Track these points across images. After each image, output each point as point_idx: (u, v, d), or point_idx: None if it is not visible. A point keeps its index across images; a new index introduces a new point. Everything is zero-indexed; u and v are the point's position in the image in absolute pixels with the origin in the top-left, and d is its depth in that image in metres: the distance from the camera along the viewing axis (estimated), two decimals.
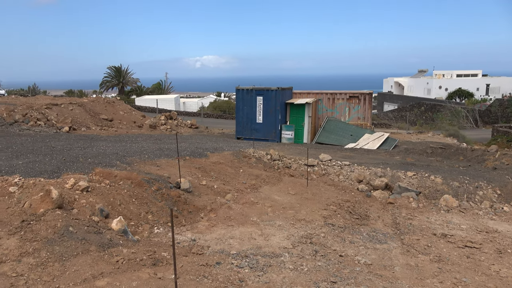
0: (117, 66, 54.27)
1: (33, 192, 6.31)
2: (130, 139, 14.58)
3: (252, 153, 12.13)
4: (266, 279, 4.97)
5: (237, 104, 20.45)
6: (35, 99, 22.56)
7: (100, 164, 8.53)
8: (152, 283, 4.44)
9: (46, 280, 4.23)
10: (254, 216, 7.65)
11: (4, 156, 8.79)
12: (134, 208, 6.94)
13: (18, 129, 15.15)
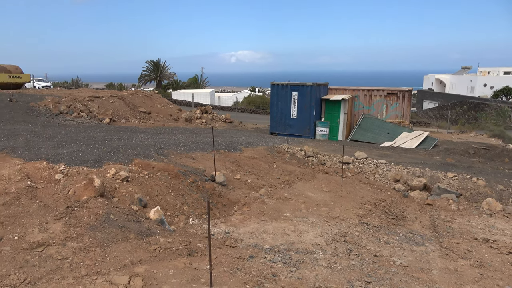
0: (155, 61, 55.68)
1: (77, 180, 6.62)
2: (166, 132, 14.95)
3: (286, 148, 12.10)
4: (299, 275, 4.96)
5: (271, 99, 20.42)
6: (78, 92, 23.60)
7: (139, 155, 8.80)
8: (187, 272, 4.55)
9: (88, 264, 4.44)
10: (288, 212, 7.64)
11: (51, 145, 9.27)
12: (170, 199, 7.13)
13: (63, 120, 15.92)
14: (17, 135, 10.39)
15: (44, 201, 5.98)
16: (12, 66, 25.24)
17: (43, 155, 8.02)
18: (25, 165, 7.35)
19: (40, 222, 5.27)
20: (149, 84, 58.88)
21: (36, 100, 18.09)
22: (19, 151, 8.33)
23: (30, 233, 4.99)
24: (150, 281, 4.20)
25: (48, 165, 7.35)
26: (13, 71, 24.70)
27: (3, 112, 15.30)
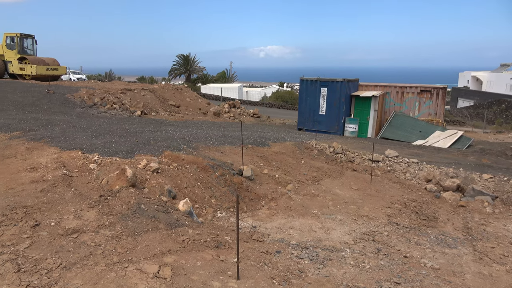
0: (185, 55, 56.40)
1: (110, 170, 6.82)
2: (195, 125, 15.14)
3: (315, 145, 11.98)
4: (326, 272, 4.92)
5: (300, 95, 20.27)
6: (111, 84, 24.28)
7: (169, 148, 8.96)
8: (215, 264, 4.60)
9: (120, 251, 4.57)
10: (315, 209, 7.58)
11: (85, 136, 9.59)
12: (199, 191, 7.22)
13: (96, 111, 16.43)
14: (54, 125, 10.81)
15: (79, 189, 6.21)
16: (50, 59, 26.22)
17: (78, 145, 8.31)
18: (61, 154, 7.65)
19: (75, 210, 5.47)
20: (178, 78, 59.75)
21: (72, 92, 18.75)
22: (56, 141, 8.66)
23: (65, 220, 5.19)
24: (179, 271, 4.28)
25: (82, 154, 7.61)
26: (50, 64, 25.65)
27: (42, 103, 15.96)
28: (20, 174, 6.75)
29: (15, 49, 24.95)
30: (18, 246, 4.48)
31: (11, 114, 12.65)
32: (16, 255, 4.30)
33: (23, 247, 4.46)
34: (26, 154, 7.78)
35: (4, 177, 6.67)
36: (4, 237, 4.65)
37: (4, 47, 25.28)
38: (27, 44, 25.99)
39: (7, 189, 6.12)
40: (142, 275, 4.09)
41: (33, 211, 5.33)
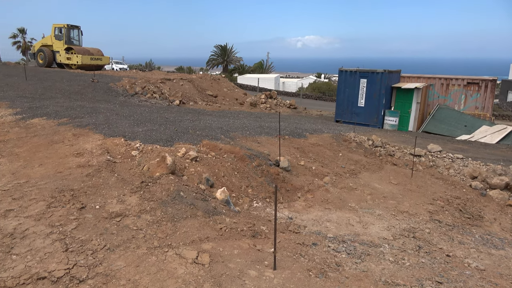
0: (222, 45, 56.73)
1: (151, 157, 7.01)
2: (232, 115, 15.24)
3: (353, 137, 11.72)
4: (364, 267, 4.82)
5: (338, 86, 19.85)
6: (152, 74, 24.89)
7: (207, 137, 9.08)
8: (251, 253, 4.63)
9: (160, 236, 4.70)
10: (352, 202, 7.44)
11: (128, 124, 9.91)
12: (236, 180, 7.28)
13: (137, 100, 16.93)
14: (98, 113, 11.24)
15: (122, 175, 6.43)
16: (94, 49, 27.26)
17: (121, 132, 8.60)
18: (105, 140, 7.95)
19: (118, 194, 5.67)
20: (216, 68, 60.31)
21: (115, 81, 19.41)
22: (100, 128, 9.01)
23: (109, 204, 5.40)
24: (217, 258, 4.34)
25: (125, 141, 7.87)
26: (95, 54, 26.68)
27: (87, 91, 16.65)
28: (67, 158, 7.09)
29: (62, 40, 26.14)
30: (66, 226, 4.72)
31: (59, 101, 13.29)
32: (64, 235, 4.53)
33: (70, 228, 4.69)
34: (72, 140, 8.15)
35: (53, 161, 7.03)
36: (53, 218, 4.91)
37: (53, 37, 26.55)
38: (74, 35, 27.14)
39: (55, 173, 6.46)
40: (181, 260, 4.19)
41: (79, 194, 5.58)
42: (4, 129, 9.26)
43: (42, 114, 10.57)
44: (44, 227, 4.69)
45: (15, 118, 10.24)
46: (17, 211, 5.08)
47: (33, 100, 13.05)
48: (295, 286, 4.00)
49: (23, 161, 7.10)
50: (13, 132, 9.04)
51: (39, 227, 4.68)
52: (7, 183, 6.06)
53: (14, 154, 7.54)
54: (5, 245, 4.30)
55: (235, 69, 56.42)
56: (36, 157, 7.29)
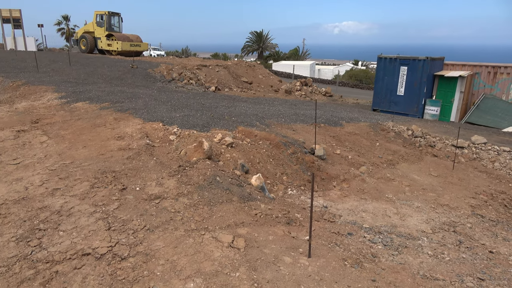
0: (258, 32, 56.36)
1: (188, 142, 7.14)
2: (267, 102, 15.20)
3: (391, 126, 11.38)
4: (401, 259, 4.71)
5: (377, 73, 19.23)
6: (188, 60, 25.20)
7: (242, 123, 9.12)
8: (286, 240, 4.64)
9: (197, 220, 4.80)
10: (390, 193, 7.26)
11: (165, 109, 10.12)
12: (271, 167, 7.28)
13: (174, 86, 17.23)
14: (138, 98, 11.55)
15: (160, 158, 6.60)
16: (133, 36, 27.91)
17: (159, 117, 8.80)
18: (145, 125, 8.17)
19: (157, 177, 5.84)
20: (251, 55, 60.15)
21: (153, 67, 19.82)
22: (140, 112, 9.26)
23: (148, 186, 5.57)
24: (252, 243, 4.39)
25: (163, 126, 8.05)
26: (134, 40, 27.31)
27: (126, 77, 17.13)
28: (109, 141, 7.36)
29: (103, 27, 26.93)
30: (108, 206, 4.92)
31: (100, 86, 13.77)
32: (106, 214, 4.73)
33: (112, 208, 4.89)
34: (114, 123, 8.44)
35: (96, 143, 7.32)
36: (96, 198, 5.14)
37: (94, 24, 27.40)
38: (114, 22, 27.88)
39: (98, 155, 6.73)
40: (218, 244, 4.26)
41: (120, 176, 5.79)
42: (51, 112, 9.73)
43: (85, 98, 10.99)
44: (88, 206, 4.91)
45: (61, 101, 10.72)
46: (63, 190, 5.36)
47: (77, 85, 13.59)
48: (330, 275, 3.98)
49: (68, 143, 7.44)
50: (58, 115, 9.48)
51: (83, 206, 4.91)
52: (54, 163, 6.38)
53: (60, 136, 7.91)
54: (53, 221, 4.55)
55: (270, 55, 56.01)
56: (80, 139, 7.62)
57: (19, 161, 6.53)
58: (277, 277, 3.79)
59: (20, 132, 8.20)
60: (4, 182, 5.63)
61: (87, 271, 3.69)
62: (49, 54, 25.66)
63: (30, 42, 32.39)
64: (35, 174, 5.90)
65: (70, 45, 43.82)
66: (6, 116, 9.58)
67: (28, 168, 6.22)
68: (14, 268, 3.71)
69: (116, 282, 3.57)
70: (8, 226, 4.44)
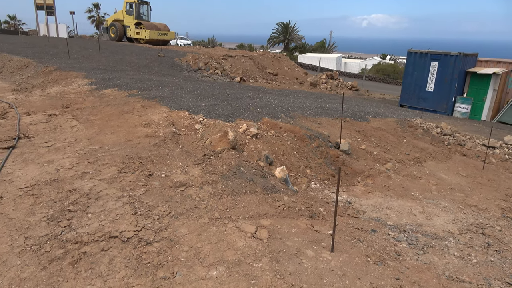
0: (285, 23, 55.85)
1: (213, 131, 7.18)
2: (292, 95, 15.08)
3: (419, 123, 11.10)
4: (426, 259, 4.62)
5: (406, 68, 18.74)
6: (214, 50, 25.27)
7: (267, 115, 9.09)
8: (309, 233, 4.62)
9: (221, 208, 4.84)
10: (416, 191, 7.10)
11: (191, 98, 10.20)
12: (294, 160, 7.25)
13: (200, 76, 17.33)
14: (164, 86, 11.69)
15: (185, 147, 6.68)
16: (161, 24, 28.17)
17: (185, 106, 8.89)
18: (171, 113, 8.27)
19: (182, 165, 5.91)
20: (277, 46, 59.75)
21: (179, 56, 19.99)
22: (166, 100, 9.37)
23: (174, 173, 5.65)
24: (275, 235, 4.39)
25: (189, 115, 8.13)
26: (162, 29, 27.57)
27: (154, 65, 17.34)
28: (136, 128, 7.49)
29: (132, 15, 27.29)
30: (135, 191, 5.02)
31: (128, 74, 14.00)
32: (133, 199, 4.83)
33: (139, 193, 4.99)
34: (141, 111, 8.58)
35: (123, 130, 7.47)
36: (124, 182, 5.26)
37: (124, 13, 27.80)
38: (143, 10, 28.19)
39: (126, 141, 6.86)
40: (241, 234, 4.29)
41: (147, 162, 5.90)
42: (81, 98, 9.99)
43: (114, 85, 11.21)
44: (116, 190, 5.03)
45: (90, 88, 10.98)
46: (92, 173, 5.50)
47: (106, 72, 13.87)
48: (353, 271, 3.94)
49: (97, 128, 7.62)
50: (88, 100, 9.71)
51: (111, 190, 5.03)
52: (84, 147, 6.56)
53: (90, 121, 8.11)
54: (82, 203, 4.69)
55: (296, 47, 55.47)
56: (108, 125, 7.80)
57: (50, 144, 6.75)
58: (299, 269, 3.79)
59: (52, 116, 8.46)
60: (37, 164, 5.84)
61: (114, 253, 3.79)
62: (79, 41, 26.29)
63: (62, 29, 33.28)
64: (66, 157, 6.09)
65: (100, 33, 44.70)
66: (39, 100, 9.90)
67: (59, 151, 6.42)
68: (45, 246, 3.85)
69: (141, 265, 3.65)
70: (40, 206, 4.60)
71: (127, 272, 3.55)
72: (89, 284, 3.38)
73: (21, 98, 10.16)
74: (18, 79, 13.29)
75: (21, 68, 14.66)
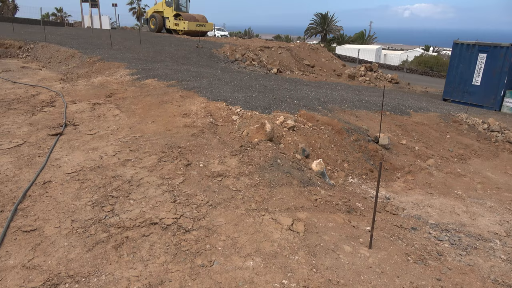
0: (323, 13, 54.77)
1: (250, 123, 7.19)
2: (329, 87, 14.82)
3: (464, 118, 10.59)
4: (469, 261, 4.42)
5: (451, 60, 17.88)
6: (251, 42, 25.23)
7: (304, 107, 8.99)
8: (346, 228, 4.54)
9: (257, 200, 4.86)
10: (459, 190, 6.80)
11: (229, 89, 10.26)
12: (332, 153, 7.14)
13: (237, 67, 17.39)
14: (202, 77, 11.83)
15: (223, 137, 6.74)
16: (199, 16, 28.45)
17: (222, 97, 8.95)
18: (209, 104, 8.36)
19: (219, 156, 5.97)
20: (314, 38, 58.81)
21: (217, 47, 20.14)
22: (204, 91, 9.48)
23: (211, 163, 5.72)
24: (311, 228, 4.36)
25: (226, 106, 8.18)
26: (200, 20, 27.85)
27: (192, 56, 17.59)
28: (175, 118, 7.65)
29: (172, 6, 27.73)
30: (174, 180, 5.14)
31: (168, 64, 14.28)
32: (172, 187, 4.95)
33: (178, 182, 5.10)
34: (180, 101, 8.73)
35: (163, 119, 7.64)
36: (163, 171, 5.39)
37: (164, 4, 28.30)
38: (182, 2, 28.57)
39: (165, 130, 7.03)
40: (277, 226, 4.29)
41: (185, 152, 6.01)
42: (123, 87, 10.31)
43: (154, 75, 11.48)
44: (156, 178, 5.17)
45: (132, 78, 11.31)
46: (134, 161, 5.68)
47: (146, 63, 14.23)
48: (392, 269, 3.84)
49: (138, 117, 7.85)
50: (130, 90, 10.01)
51: (151, 178, 5.18)
52: (126, 135, 6.78)
53: (131, 110, 8.36)
54: (124, 190, 4.86)
55: (333, 39, 54.34)
56: (149, 114, 8.01)
57: (95, 132, 7.03)
58: (336, 265, 3.74)
59: (96, 105, 8.80)
60: (82, 150, 6.11)
61: (154, 239, 3.91)
62: (121, 32, 27.10)
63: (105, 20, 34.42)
64: (109, 145, 6.32)
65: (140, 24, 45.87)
66: (84, 89, 10.32)
67: (102, 138, 6.67)
68: (90, 230, 4.03)
69: (180, 252, 3.74)
70: (85, 191, 4.81)
71: (166, 258, 3.65)
72: (131, 268, 3.50)
73: (68, 87, 10.64)
74: (64, 69, 13.91)
75: (67, 58, 15.33)
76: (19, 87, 10.47)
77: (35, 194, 4.68)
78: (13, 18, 35.38)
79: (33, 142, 6.41)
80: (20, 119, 7.63)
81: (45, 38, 18.36)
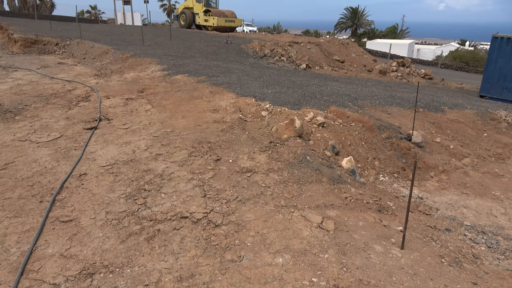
0: (353, 7, 53.67)
1: (279, 119, 7.16)
2: (360, 83, 14.53)
3: (504, 116, 10.11)
4: (508, 265, 4.23)
5: (489, 55, 17.12)
6: (280, 37, 25.09)
7: (334, 103, 8.86)
8: (377, 228, 4.45)
9: (286, 196, 4.84)
10: (497, 191, 6.51)
11: (258, 85, 10.26)
12: (362, 151, 7.00)
13: (266, 62, 17.35)
14: (231, 73, 11.88)
15: (251, 133, 6.75)
16: (229, 11, 28.55)
17: (251, 93, 8.96)
18: (238, 99, 8.39)
19: (249, 151, 5.99)
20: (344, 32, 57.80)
21: (246, 42, 20.15)
22: (233, 87, 9.52)
23: (240, 159, 5.75)
24: (341, 226, 4.30)
25: (255, 102, 8.18)
26: (229, 16, 27.95)
27: (221, 52, 17.69)
28: (205, 113, 7.73)
29: (202, 2, 27.96)
30: (204, 175, 5.20)
31: (197, 60, 14.44)
32: (202, 182, 5.01)
33: (207, 177, 5.16)
34: (209, 96, 8.81)
35: (193, 115, 7.74)
36: (193, 166, 5.46)
37: (194, 0, 28.57)
38: None
39: (195, 125, 7.11)
40: (307, 223, 4.26)
41: (215, 147, 6.07)
42: (154, 83, 10.51)
43: (184, 71, 11.63)
44: (186, 172, 5.25)
45: (163, 73, 11.51)
46: (165, 156, 5.79)
47: (176, 58, 14.44)
48: (425, 271, 3.73)
49: (169, 113, 7.98)
50: (161, 86, 10.19)
51: (182, 172, 5.26)
52: (157, 130, 6.92)
53: (162, 105, 8.52)
54: (156, 183, 4.96)
55: (364, 33, 53.20)
56: (179, 109, 8.13)
57: (127, 126, 7.21)
58: (367, 264, 3.67)
59: (128, 100, 9.02)
60: (116, 144, 6.28)
61: (185, 233, 3.97)
62: (152, 29, 27.60)
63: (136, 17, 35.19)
64: (141, 139, 6.47)
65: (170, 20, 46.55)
66: (117, 85, 10.60)
67: (135, 133, 6.84)
68: (124, 222, 4.14)
69: (210, 246, 3.78)
70: (119, 184, 4.95)
71: (196, 251, 3.71)
72: (162, 260, 3.58)
73: (101, 83, 10.96)
74: (98, 64, 14.34)
75: (101, 54, 15.79)
76: (56, 82, 10.88)
77: (72, 186, 4.86)
78: (51, 16, 36.77)
79: (69, 136, 6.65)
80: (58, 113, 7.93)
81: (80, 35, 18.98)
